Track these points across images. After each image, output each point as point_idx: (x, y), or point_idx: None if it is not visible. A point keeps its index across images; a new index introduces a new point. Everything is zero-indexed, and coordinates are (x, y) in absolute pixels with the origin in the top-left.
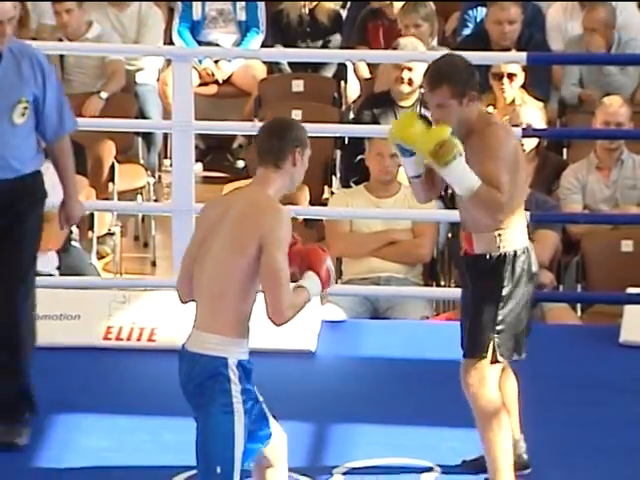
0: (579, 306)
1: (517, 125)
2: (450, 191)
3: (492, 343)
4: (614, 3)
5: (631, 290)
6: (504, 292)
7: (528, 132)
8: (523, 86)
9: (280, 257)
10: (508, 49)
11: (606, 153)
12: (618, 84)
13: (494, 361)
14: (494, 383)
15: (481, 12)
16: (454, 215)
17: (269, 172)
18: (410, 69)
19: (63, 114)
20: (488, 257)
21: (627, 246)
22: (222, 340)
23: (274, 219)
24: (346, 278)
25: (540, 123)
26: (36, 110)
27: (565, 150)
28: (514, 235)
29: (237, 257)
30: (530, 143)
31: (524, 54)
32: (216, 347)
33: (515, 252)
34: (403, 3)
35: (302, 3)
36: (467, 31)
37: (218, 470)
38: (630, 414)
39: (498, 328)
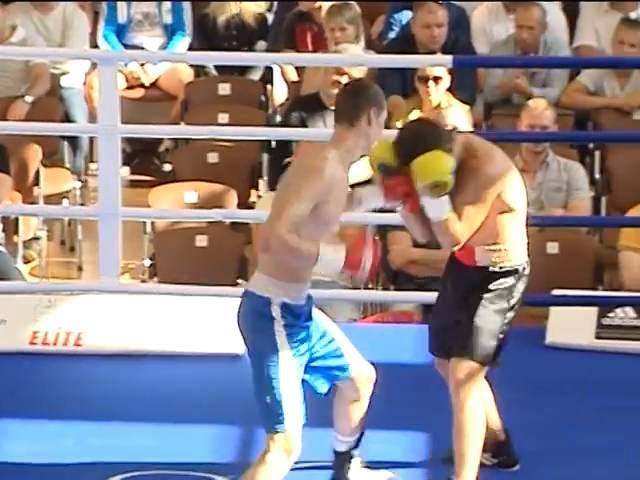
0: None
1: None
2: None
3: (481, 348)
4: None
5: (556, 292)
6: (499, 303)
7: None
8: (449, 89)
9: (294, 200)
10: (434, 52)
11: (531, 156)
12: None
13: (481, 364)
14: (478, 385)
15: (407, 15)
16: (381, 218)
17: (343, 130)
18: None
19: None
20: (489, 269)
21: (552, 248)
22: (268, 281)
23: (310, 177)
24: None
25: (466, 125)
26: None
27: None
28: (514, 251)
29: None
30: None
31: (450, 57)
32: (262, 287)
33: (514, 267)
34: (328, 6)
35: (228, 7)
36: (393, 34)
37: (268, 400)
38: (558, 415)
39: (486, 336)
